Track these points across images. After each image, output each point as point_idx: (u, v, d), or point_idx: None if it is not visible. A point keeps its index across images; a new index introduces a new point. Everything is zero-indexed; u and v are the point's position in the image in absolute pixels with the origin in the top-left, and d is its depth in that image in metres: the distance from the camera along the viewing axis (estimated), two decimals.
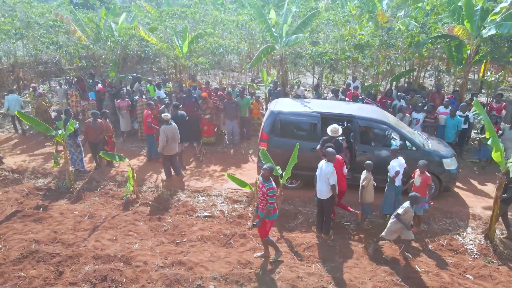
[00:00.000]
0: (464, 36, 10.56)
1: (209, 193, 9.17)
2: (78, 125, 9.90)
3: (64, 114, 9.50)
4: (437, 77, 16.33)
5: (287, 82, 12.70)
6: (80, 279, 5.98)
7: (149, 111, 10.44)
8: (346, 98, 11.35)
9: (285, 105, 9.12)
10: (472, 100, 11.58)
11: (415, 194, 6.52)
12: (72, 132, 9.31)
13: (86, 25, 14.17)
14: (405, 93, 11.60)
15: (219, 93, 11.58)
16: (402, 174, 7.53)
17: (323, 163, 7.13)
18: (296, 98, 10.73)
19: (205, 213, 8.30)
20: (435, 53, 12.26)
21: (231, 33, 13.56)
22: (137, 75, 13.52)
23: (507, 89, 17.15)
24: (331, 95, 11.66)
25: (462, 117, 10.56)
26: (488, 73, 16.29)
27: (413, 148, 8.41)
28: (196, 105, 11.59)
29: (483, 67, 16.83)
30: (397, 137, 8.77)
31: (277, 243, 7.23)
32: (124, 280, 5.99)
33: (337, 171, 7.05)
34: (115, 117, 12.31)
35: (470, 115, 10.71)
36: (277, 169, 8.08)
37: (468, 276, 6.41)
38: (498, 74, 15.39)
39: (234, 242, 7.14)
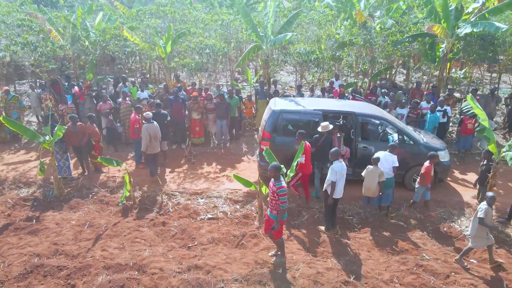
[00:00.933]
0: (442, 35, 11.14)
1: (208, 195, 9.04)
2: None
3: (50, 119, 8.98)
4: (406, 74, 17.12)
5: (270, 82, 12.74)
6: None
7: (137, 116, 10.12)
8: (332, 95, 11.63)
9: (285, 104, 9.19)
10: (449, 95, 12.31)
11: (492, 195, 6.35)
12: (60, 138, 8.83)
13: (59, 25, 13.41)
14: (387, 90, 12.06)
15: (207, 93, 11.43)
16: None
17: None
18: (285, 97, 10.83)
19: (209, 215, 8.18)
20: (411, 52, 12.82)
21: (214, 32, 13.37)
22: (122, 75, 12.99)
23: (469, 84, 18.27)
24: (319, 93, 11.88)
25: (441, 111, 11.17)
26: (453, 69, 17.31)
27: (411, 142, 8.78)
28: (183, 106, 11.39)
29: (448, 64, 17.83)
30: (393, 132, 9.11)
31: (287, 240, 7.32)
32: None
33: (307, 156, 7.96)
34: (98, 120, 11.77)
35: (448, 109, 11.35)
36: (282, 168, 8.14)
37: (472, 260, 6.79)
38: (462, 70, 16.42)
39: (247, 243, 7.10)
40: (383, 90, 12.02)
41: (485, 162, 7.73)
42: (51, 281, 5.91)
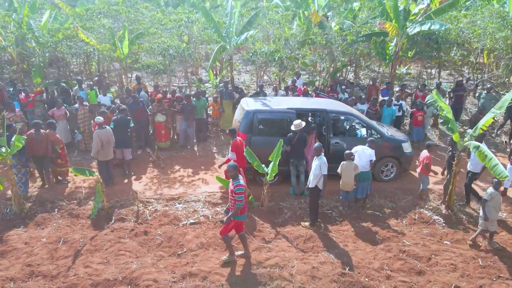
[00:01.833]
0: (393, 33, 11.91)
1: (186, 199, 8.81)
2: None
3: (6, 130, 8.17)
4: (354, 72, 17.99)
5: (234, 82, 12.73)
6: None
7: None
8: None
9: (258, 104, 9.22)
10: (402, 90, 13.18)
11: (498, 180, 6.81)
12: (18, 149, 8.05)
13: None
14: (346, 87, 12.62)
15: (177, 95, 11.11)
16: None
17: (315, 158, 7.51)
18: (256, 96, 10.90)
19: (191, 220, 7.98)
20: (363, 51, 13.52)
21: (170, 32, 12.96)
22: (77, 78, 12.11)
23: (411, 80, 19.68)
24: (283, 92, 12.08)
25: (397, 105, 11.95)
26: (397, 67, 18.56)
27: (378, 135, 9.27)
28: (144, 109, 10.97)
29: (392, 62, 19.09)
30: (360, 127, 9.55)
31: (275, 239, 7.39)
32: None
33: (238, 152, 8.19)
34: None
35: (403, 104, 12.17)
36: (263, 167, 8.20)
37: (446, 242, 7.36)
38: (405, 67, 17.67)
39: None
40: (342, 87, 12.54)
41: (451, 148, 8.38)
42: None
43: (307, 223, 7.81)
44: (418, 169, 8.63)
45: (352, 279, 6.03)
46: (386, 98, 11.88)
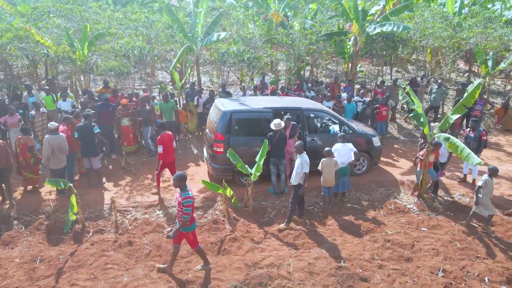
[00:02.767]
0: (356, 33, 12.42)
1: (165, 205, 8.52)
2: None
3: None
4: (310, 70, 18.53)
5: (200, 83, 12.49)
6: None
7: (65, 127, 8.94)
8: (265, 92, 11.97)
9: (234, 104, 9.14)
10: (363, 87, 13.76)
11: (493, 167, 7.33)
12: None
13: None
14: (312, 85, 12.93)
15: (144, 95, 10.67)
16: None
17: (297, 156, 7.61)
18: (227, 96, 10.81)
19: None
20: (325, 49, 13.96)
21: (128, 33, 12.36)
22: (26, 83, 11.12)
23: (363, 77, 20.68)
24: (251, 92, 12.10)
25: (361, 102, 12.49)
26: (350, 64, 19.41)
27: (350, 131, 9.60)
28: (113, 113, 10.45)
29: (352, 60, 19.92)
30: (332, 123, 9.83)
31: (265, 239, 7.39)
32: None
33: (167, 145, 8.46)
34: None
35: (366, 100, 12.74)
36: (246, 168, 8.16)
37: (423, 229, 7.83)
38: (359, 65, 18.52)
39: (229, 248, 6.94)
40: (308, 85, 12.84)
41: (422, 140, 8.90)
42: None
43: (282, 225, 7.74)
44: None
45: (349, 272, 6.20)
46: (344, 95, 12.39)
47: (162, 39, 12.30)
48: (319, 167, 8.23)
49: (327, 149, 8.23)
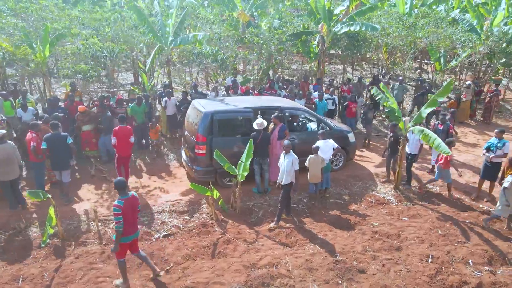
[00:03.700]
0: (325, 33, 12.73)
1: (149, 211, 8.22)
2: None
3: None
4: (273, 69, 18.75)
5: (172, 84, 12.14)
6: None
7: (33, 134, 8.29)
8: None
9: (214, 104, 9.00)
10: (330, 85, 14.15)
11: None
12: None
13: None
14: (283, 84, 13.09)
15: (118, 97, 10.18)
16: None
17: (283, 155, 7.67)
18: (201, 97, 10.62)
19: (164, 233, 7.49)
20: (292, 49, 14.17)
21: (89, 34, 11.68)
22: None
23: (326, 75, 21.28)
24: (223, 92, 11.99)
25: (331, 99, 12.84)
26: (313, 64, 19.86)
27: (327, 128, 9.83)
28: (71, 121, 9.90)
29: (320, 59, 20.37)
30: (309, 121, 10.02)
31: (258, 239, 7.36)
32: None
33: (121, 138, 8.43)
34: None
35: (336, 98, 13.13)
36: (233, 168, 8.08)
37: (404, 218, 8.22)
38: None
39: (224, 250, 6.84)
40: (279, 84, 12.96)
41: (392, 134, 9.30)
42: None
43: (272, 224, 7.77)
44: (439, 163, 8.75)
45: (346, 265, 6.36)
46: (316, 93, 12.68)
47: (129, 39, 11.78)
48: (306, 163, 8.33)
49: (315, 146, 8.35)
